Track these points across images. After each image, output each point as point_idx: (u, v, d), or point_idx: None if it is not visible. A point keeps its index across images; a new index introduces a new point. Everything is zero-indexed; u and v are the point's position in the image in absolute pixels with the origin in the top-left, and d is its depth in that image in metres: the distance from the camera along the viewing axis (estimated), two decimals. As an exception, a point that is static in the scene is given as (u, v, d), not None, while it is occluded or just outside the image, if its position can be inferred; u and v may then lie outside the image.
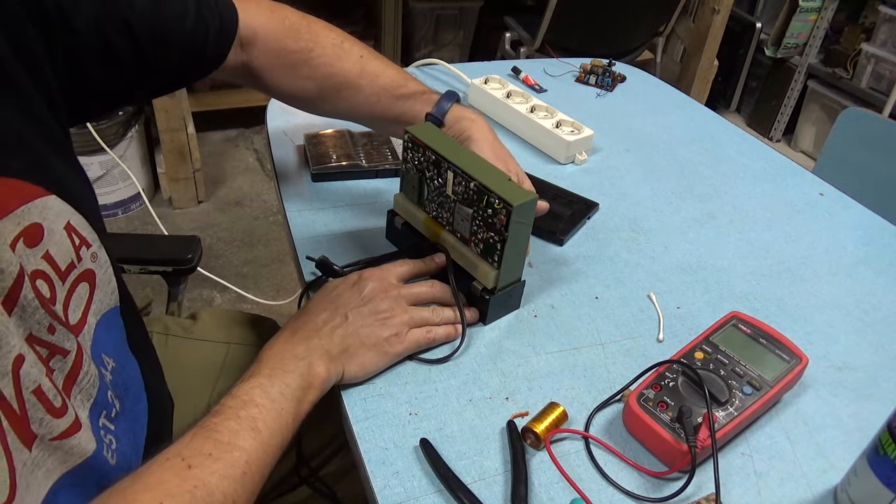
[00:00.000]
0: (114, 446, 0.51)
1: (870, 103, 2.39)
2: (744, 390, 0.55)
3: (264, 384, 0.51)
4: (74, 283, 0.49)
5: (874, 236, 0.85)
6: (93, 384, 0.49)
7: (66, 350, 0.46)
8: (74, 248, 0.49)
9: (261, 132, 2.44)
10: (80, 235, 0.50)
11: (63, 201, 0.48)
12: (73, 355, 0.47)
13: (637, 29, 2.26)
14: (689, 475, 0.50)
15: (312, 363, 0.54)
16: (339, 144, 0.87)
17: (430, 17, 2.54)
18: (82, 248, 0.50)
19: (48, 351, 0.45)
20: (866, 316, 0.72)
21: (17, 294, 0.42)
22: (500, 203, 0.58)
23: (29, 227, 0.44)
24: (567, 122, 0.94)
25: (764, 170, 0.96)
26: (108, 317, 0.55)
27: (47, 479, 0.43)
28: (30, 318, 0.43)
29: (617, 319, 0.68)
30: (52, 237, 0.46)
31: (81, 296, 0.50)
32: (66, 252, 0.48)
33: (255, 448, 0.47)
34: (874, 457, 0.48)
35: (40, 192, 0.46)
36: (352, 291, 0.60)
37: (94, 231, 0.52)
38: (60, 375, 0.46)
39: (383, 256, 0.70)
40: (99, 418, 0.50)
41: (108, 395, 0.52)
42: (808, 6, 2.55)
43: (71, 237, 0.49)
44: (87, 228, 0.51)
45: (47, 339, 0.45)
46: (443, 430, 0.55)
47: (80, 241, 0.50)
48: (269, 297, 1.79)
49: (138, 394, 0.58)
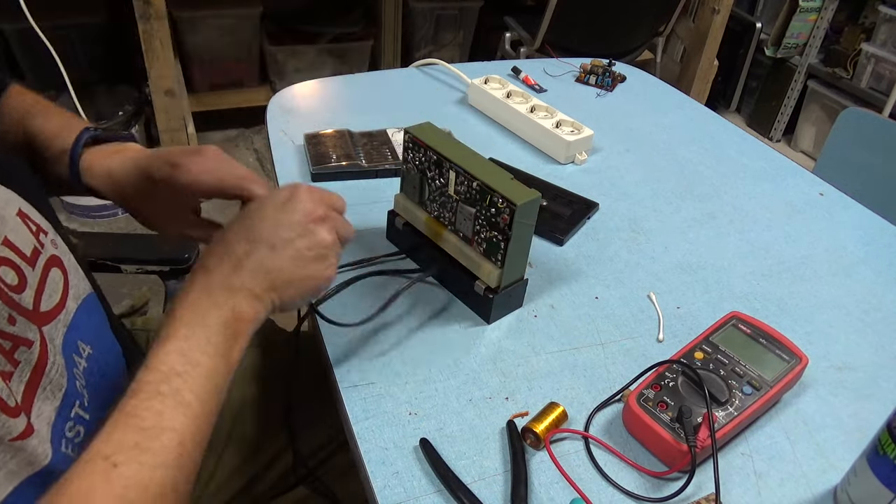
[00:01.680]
0: (80, 439, 0.49)
1: (870, 103, 2.39)
2: (744, 390, 0.55)
3: (183, 347, 0.44)
4: (45, 268, 0.48)
5: (874, 236, 0.85)
6: (61, 374, 0.48)
7: (29, 341, 0.44)
8: (33, 234, 0.48)
9: (261, 132, 2.44)
10: (34, 222, 0.49)
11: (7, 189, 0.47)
12: (38, 346, 0.45)
13: (637, 29, 2.25)
14: (689, 475, 0.50)
15: (235, 307, 0.46)
16: (338, 144, 0.87)
17: (430, 17, 2.54)
18: (41, 235, 0.49)
19: (11, 343, 0.43)
20: (866, 316, 0.72)
21: None
22: (503, 202, 0.58)
23: None
24: (567, 122, 0.94)
25: (764, 170, 0.96)
26: (88, 302, 0.54)
27: (8, 481, 0.42)
28: None
29: (617, 319, 0.68)
30: (6, 223, 0.45)
31: (56, 281, 0.49)
32: (26, 238, 0.47)
33: (187, 424, 0.42)
34: (874, 457, 0.48)
35: None
36: (276, 214, 0.50)
37: (46, 220, 0.51)
38: (27, 367, 0.44)
39: (384, 256, 0.70)
40: (71, 409, 0.49)
41: (76, 384, 0.50)
42: (808, 6, 2.55)
43: (27, 223, 0.47)
44: (38, 216, 0.50)
45: (8, 331, 0.43)
46: (443, 430, 0.55)
47: (36, 228, 0.49)
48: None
49: (118, 382, 0.56)
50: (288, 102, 1.00)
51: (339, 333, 0.62)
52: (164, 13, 1.80)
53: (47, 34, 1.65)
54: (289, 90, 1.04)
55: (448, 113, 1.02)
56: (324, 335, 0.62)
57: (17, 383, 0.44)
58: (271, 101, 0.99)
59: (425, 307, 0.66)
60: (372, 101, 1.02)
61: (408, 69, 1.15)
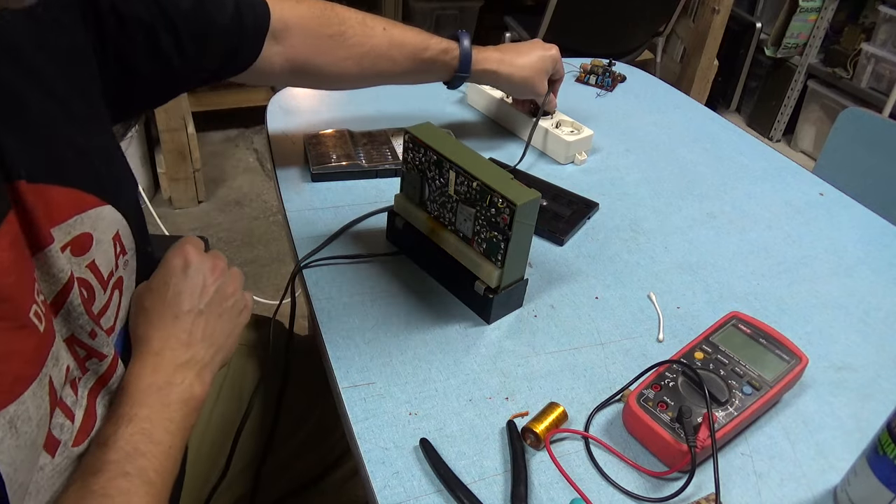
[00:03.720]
0: None
1: (870, 103, 2.39)
2: (744, 390, 0.55)
3: (146, 429, 0.45)
4: (112, 290, 0.50)
5: (874, 236, 0.85)
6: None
7: (103, 354, 0.47)
8: (115, 256, 0.50)
9: (261, 132, 2.44)
10: (122, 244, 0.51)
11: (116, 210, 0.49)
12: (109, 360, 0.48)
13: (637, 29, 2.26)
14: (689, 475, 0.50)
15: (191, 385, 0.50)
16: (339, 144, 0.87)
17: (430, 17, 2.54)
18: (121, 257, 0.51)
19: (86, 352, 0.46)
20: (866, 316, 0.72)
21: (65, 298, 0.43)
22: (503, 202, 0.58)
23: (77, 237, 0.45)
24: (567, 122, 0.94)
25: (764, 170, 0.96)
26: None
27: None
28: (74, 322, 0.44)
29: (617, 319, 0.68)
30: (100, 247, 0.47)
31: (115, 303, 0.51)
32: (109, 261, 0.49)
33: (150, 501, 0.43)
34: (874, 457, 0.48)
35: (97, 201, 0.47)
36: (188, 283, 0.53)
37: (133, 238, 0.53)
38: (93, 377, 0.47)
39: (383, 255, 0.70)
40: None
41: None
42: (808, 6, 2.55)
43: (115, 247, 0.50)
44: (129, 237, 0.52)
45: (88, 343, 0.45)
46: (443, 430, 0.55)
47: (120, 250, 0.50)
48: (269, 297, 1.79)
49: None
50: (288, 102, 1.00)
51: (339, 333, 0.62)
52: (164, 13, 1.79)
53: (47, 34, 1.65)
54: (289, 90, 1.04)
55: (448, 113, 1.02)
56: (324, 335, 0.62)
57: (83, 389, 0.46)
58: (271, 101, 0.99)
59: (425, 307, 0.66)
60: (372, 101, 1.02)
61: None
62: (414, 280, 0.69)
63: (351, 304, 0.66)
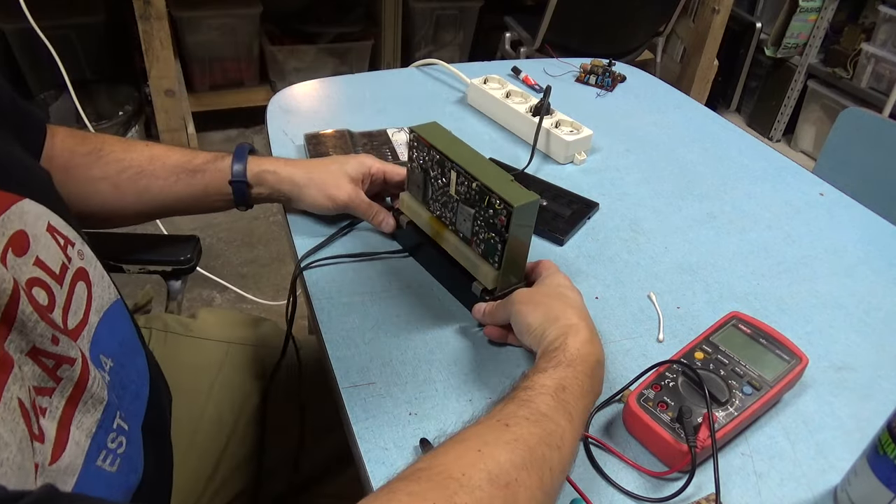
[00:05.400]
0: (122, 449, 0.50)
1: (870, 103, 2.39)
2: (744, 390, 0.55)
3: (573, 377, 0.51)
4: (72, 283, 0.48)
5: (874, 236, 0.85)
6: (102, 387, 0.48)
7: (71, 359, 0.45)
8: (61, 248, 0.48)
9: (261, 132, 2.43)
10: (63, 235, 0.49)
11: (37, 203, 0.47)
12: (80, 362, 0.46)
13: (637, 29, 2.26)
14: (689, 475, 0.50)
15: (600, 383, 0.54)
16: (338, 144, 0.87)
17: (430, 17, 2.54)
18: (68, 248, 0.49)
19: (54, 361, 0.44)
20: (866, 316, 0.72)
21: (14, 310, 0.40)
22: (500, 204, 0.58)
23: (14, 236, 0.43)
24: (566, 122, 0.94)
25: (764, 170, 0.96)
26: (112, 312, 0.54)
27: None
28: (31, 333, 0.42)
29: (617, 319, 0.68)
30: (38, 241, 0.46)
31: (81, 296, 0.49)
32: (55, 254, 0.47)
33: (569, 431, 0.47)
34: (874, 457, 0.48)
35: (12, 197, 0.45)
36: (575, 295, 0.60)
37: (71, 228, 0.51)
38: (69, 384, 0.45)
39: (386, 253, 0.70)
40: (114, 420, 0.49)
41: (115, 397, 0.51)
42: (808, 6, 2.55)
43: (55, 238, 0.48)
44: (65, 227, 0.50)
45: (52, 350, 0.43)
46: (443, 430, 0.55)
47: (64, 241, 0.49)
48: (269, 298, 1.79)
49: (137, 390, 0.57)
50: (288, 102, 1.00)
51: (339, 333, 0.62)
52: (164, 13, 1.80)
53: (47, 34, 1.65)
54: (289, 90, 1.04)
55: (448, 113, 1.02)
56: (324, 335, 0.62)
57: (59, 398, 0.44)
58: (271, 101, 1.00)
59: (425, 307, 0.66)
60: (372, 101, 1.02)
61: (408, 69, 1.15)
62: (414, 280, 0.69)
63: (351, 304, 0.66)
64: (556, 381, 0.49)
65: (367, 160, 0.73)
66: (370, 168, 0.72)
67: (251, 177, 0.71)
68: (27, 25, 1.63)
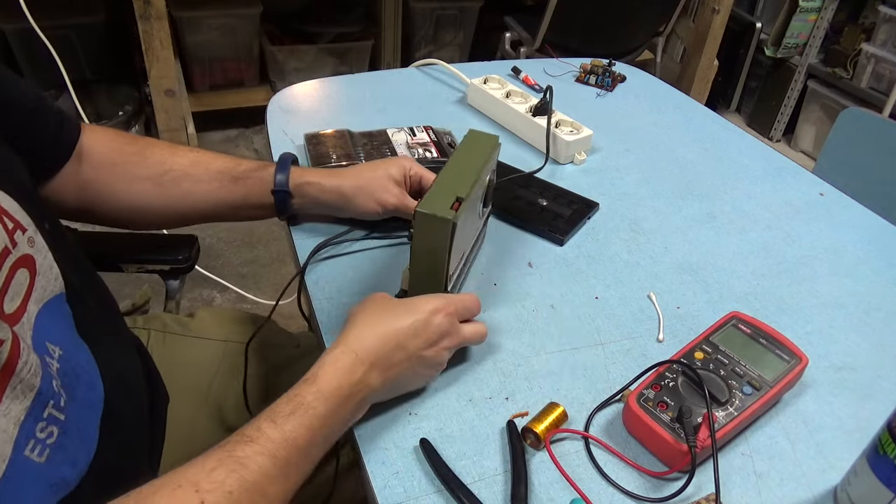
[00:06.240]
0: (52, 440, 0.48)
1: (870, 103, 2.39)
2: (744, 390, 0.55)
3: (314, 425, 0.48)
4: (12, 269, 0.47)
5: (874, 236, 0.85)
6: (34, 373, 0.47)
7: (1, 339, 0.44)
8: (7, 232, 0.47)
9: (261, 132, 2.44)
10: (14, 219, 0.48)
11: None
12: (9, 344, 0.45)
13: (637, 29, 2.26)
14: (689, 475, 0.50)
15: (360, 405, 0.52)
16: (339, 144, 0.87)
17: (430, 17, 2.54)
18: (17, 233, 0.48)
19: None
20: (866, 316, 0.72)
21: None
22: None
23: None
24: (566, 122, 0.94)
25: (764, 170, 0.96)
26: (52, 304, 0.53)
27: None
28: None
29: (617, 319, 0.68)
30: None
31: (21, 283, 0.48)
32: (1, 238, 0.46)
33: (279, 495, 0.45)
34: (874, 457, 0.48)
35: None
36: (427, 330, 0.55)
37: (28, 216, 0.50)
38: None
39: None
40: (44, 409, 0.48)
41: (52, 384, 0.49)
42: (808, 6, 2.55)
43: (2, 221, 0.47)
44: (20, 212, 0.49)
45: None
46: (443, 430, 0.55)
47: (13, 226, 0.48)
48: (269, 297, 1.79)
49: (91, 381, 0.55)
50: (288, 102, 1.00)
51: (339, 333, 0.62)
52: (164, 13, 1.80)
53: (47, 34, 1.65)
54: (289, 90, 1.04)
55: (448, 113, 1.02)
56: (324, 335, 0.62)
57: None
58: (271, 101, 1.00)
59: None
60: (372, 101, 1.02)
61: (408, 69, 1.15)
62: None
63: (351, 304, 0.65)
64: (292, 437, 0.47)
65: (406, 162, 0.73)
66: (409, 170, 0.73)
67: (293, 187, 0.71)
68: (27, 25, 1.63)
